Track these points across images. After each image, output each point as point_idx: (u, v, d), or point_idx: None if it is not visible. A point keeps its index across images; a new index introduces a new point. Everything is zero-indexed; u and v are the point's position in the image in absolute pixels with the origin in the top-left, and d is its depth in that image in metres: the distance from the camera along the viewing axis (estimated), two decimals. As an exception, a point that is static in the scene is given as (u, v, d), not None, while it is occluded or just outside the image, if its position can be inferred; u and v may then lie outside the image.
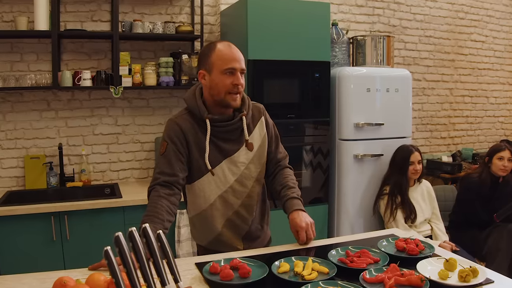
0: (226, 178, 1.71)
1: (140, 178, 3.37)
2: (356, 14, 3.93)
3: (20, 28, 2.86)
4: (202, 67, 1.68)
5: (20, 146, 3.07)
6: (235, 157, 1.71)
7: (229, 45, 1.67)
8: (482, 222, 3.03)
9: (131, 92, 3.28)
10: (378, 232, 1.92)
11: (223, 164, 1.70)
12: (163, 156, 1.65)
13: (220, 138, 1.70)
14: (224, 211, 1.74)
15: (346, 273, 1.38)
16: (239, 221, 1.76)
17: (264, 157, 1.79)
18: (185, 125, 1.67)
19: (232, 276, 1.35)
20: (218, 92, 1.64)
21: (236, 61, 1.63)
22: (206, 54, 1.66)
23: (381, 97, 3.25)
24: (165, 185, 1.61)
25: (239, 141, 1.73)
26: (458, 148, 4.49)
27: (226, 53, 1.63)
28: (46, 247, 2.61)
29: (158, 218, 1.51)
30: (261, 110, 1.82)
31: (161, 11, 3.33)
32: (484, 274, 1.34)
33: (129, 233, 1.01)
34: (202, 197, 1.72)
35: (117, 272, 0.94)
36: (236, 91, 1.65)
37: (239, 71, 1.64)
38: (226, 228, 1.75)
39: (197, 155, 1.68)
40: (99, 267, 1.44)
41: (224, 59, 1.62)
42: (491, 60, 4.63)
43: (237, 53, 1.65)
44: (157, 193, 1.58)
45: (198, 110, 1.68)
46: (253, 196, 1.77)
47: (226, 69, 1.62)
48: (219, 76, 1.63)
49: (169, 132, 1.68)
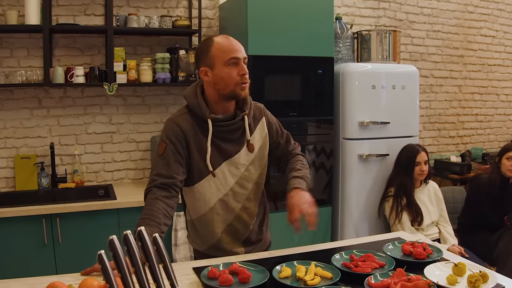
0: (227, 180, 1.71)
1: (135, 179, 3.38)
2: (361, 7, 3.93)
3: (10, 22, 2.86)
4: (202, 64, 1.67)
5: (10, 145, 3.07)
6: (235, 158, 1.71)
7: (226, 37, 1.68)
8: (492, 225, 3.03)
9: (126, 89, 3.28)
10: (384, 236, 1.92)
11: (223, 165, 1.70)
12: (161, 157, 1.64)
13: (221, 138, 1.69)
14: (224, 216, 1.73)
15: (351, 278, 1.39)
16: (240, 226, 1.76)
17: (264, 159, 1.79)
18: (186, 125, 1.67)
19: (232, 281, 1.35)
20: (225, 86, 1.63)
21: (238, 50, 1.64)
22: (204, 50, 1.66)
23: (387, 94, 3.25)
24: (162, 187, 1.60)
25: (240, 141, 1.73)
26: (467, 147, 4.49)
27: (226, 45, 1.64)
28: (37, 250, 2.61)
29: (154, 221, 1.50)
30: (261, 110, 1.82)
31: (157, 5, 3.33)
32: (494, 279, 1.34)
33: (123, 236, 1.01)
34: (202, 201, 1.72)
35: (111, 277, 0.94)
36: (244, 81, 1.65)
37: (242, 60, 1.64)
38: (226, 234, 1.75)
39: (197, 156, 1.67)
40: (92, 272, 1.44)
41: (225, 51, 1.62)
42: (501, 55, 4.63)
43: (237, 43, 1.66)
44: (154, 196, 1.58)
45: (199, 109, 1.67)
46: (253, 199, 1.78)
47: (229, 59, 1.61)
48: (223, 69, 1.62)
49: (168, 132, 1.67)
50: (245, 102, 1.73)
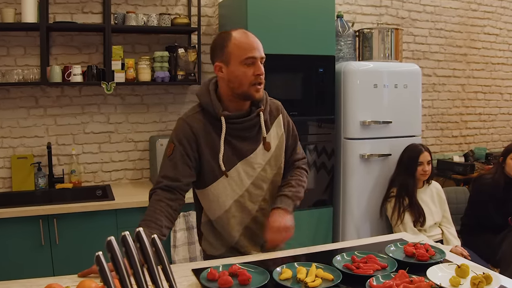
0: (242, 181, 1.68)
1: (134, 179, 3.37)
2: (363, 5, 3.92)
3: (6, 20, 2.86)
4: (217, 59, 1.63)
5: (7, 145, 3.07)
6: (251, 158, 1.68)
7: (245, 33, 1.63)
8: (496, 226, 3.03)
9: (124, 88, 3.28)
10: (386, 237, 1.92)
11: (238, 166, 1.66)
12: (169, 158, 1.62)
13: (236, 136, 1.66)
14: (241, 218, 1.71)
15: (352, 280, 1.39)
16: (258, 228, 1.73)
17: (281, 159, 1.76)
18: (197, 125, 1.63)
19: (231, 283, 1.35)
20: (239, 85, 1.60)
21: (256, 49, 1.59)
22: (221, 45, 1.62)
23: (389, 93, 3.25)
24: (167, 189, 1.59)
25: (255, 140, 1.69)
26: (470, 147, 4.49)
27: (244, 42, 1.59)
28: (34, 252, 2.61)
29: (156, 223, 1.49)
30: (279, 107, 1.79)
31: (155, 2, 3.33)
32: (498, 281, 1.34)
33: (122, 238, 1.01)
34: (216, 203, 1.68)
35: (109, 279, 0.94)
36: (259, 82, 1.61)
37: (259, 59, 1.61)
38: (244, 236, 1.72)
39: (209, 157, 1.64)
40: (90, 274, 1.44)
41: (242, 48, 1.58)
42: (505, 54, 4.62)
43: (256, 41, 1.62)
44: (158, 197, 1.57)
45: (212, 107, 1.64)
46: (269, 199, 1.75)
47: (245, 58, 1.58)
48: (239, 68, 1.58)
49: (178, 132, 1.64)
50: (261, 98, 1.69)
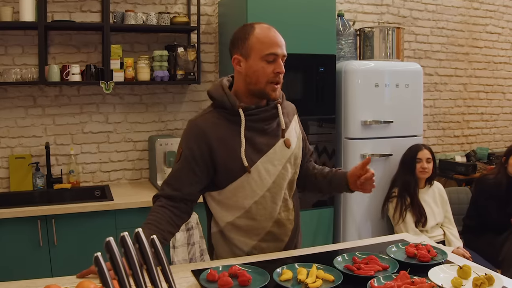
0: (263, 181, 1.60)
1: (133, 179, 3.37)
2: (364, 4, 3.92)
3: (4, 19, 2.86)
4: (237, 52, 1.58)
5: (4, 145, 3.07)
6: (270, 153, 1.61)
7: (269, 28, 1.59)
8: (498, 226, 3.03)
9: (123, 88, 3.28)
10: (387, 237, 1.92)
11: (258, 164, 1.59)
12: (176, 165, 1.60)
13: (254, 130, 1.59)
14: (262, 221, 1.63)
15: (353, 281, 1.38)
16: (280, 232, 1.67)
17: (299, 160, 1.72)
18: (207, 124, 1.57)
19: (231, 284, 1.35)
20: (256, 81, 1.56)
21: (278, 46, 1.56)
22: (242, 37, 1.57)
23: (390, 93, 3.25)
24: (168, 198, 1.57)
25: (275, 134, 1.63)
26: (472, 147, 4.49)
27: (267, 36, 1.55)
28: (32, 253, 2.61)
29: (157, 227, 1.48)
30: (294, 109, 1.78)
31: (155, 1, 3.33)
32: (500, 282, 1.33)
33: (120, 238, 1.01)
34: (233, 205, 1.61)
35: (108, 280, 0.94)
36: (278, 81, 1.57)
37: (281, 57, 1.57)
38: (265, 241, 1.65)
39: (225, 156, 1.56)
40: (88, 274, 1.44)
41: (265, 43, 1.54)
42: (507, 53, 4.62)
43: (279, 37, 1.58)
44: (161, 203, 1.56)
45: (228, 101, 1.57)
46: (290, 199, 1.70)
47: (267, 54, 1.53)
48: (258, 63, 1.54)
49: (186, 136, 1.59)
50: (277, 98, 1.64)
